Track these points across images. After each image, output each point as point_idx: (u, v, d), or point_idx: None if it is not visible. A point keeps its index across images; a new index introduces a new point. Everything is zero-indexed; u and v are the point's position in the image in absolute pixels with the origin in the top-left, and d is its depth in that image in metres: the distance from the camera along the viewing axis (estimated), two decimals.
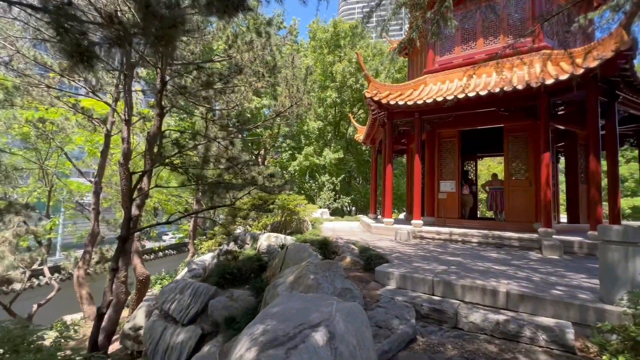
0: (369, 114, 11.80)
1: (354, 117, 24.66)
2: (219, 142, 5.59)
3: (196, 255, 11.40)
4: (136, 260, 8.71)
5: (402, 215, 18.43)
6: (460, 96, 8.58)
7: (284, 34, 8.78)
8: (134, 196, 5.79)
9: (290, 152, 22.31)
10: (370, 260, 5.10)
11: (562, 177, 15.34)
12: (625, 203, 22.23)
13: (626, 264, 3.16)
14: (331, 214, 20.49)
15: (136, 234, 9.89)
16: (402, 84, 11.19)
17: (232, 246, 7.35)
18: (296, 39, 25.52)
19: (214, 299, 5.40)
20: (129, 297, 9.84)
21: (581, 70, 7.03)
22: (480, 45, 10.15)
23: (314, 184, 21.03)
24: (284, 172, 22.84)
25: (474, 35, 10.31)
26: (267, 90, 18.84)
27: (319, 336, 2.07)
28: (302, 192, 21.99)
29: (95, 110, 14.33)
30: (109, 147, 10.69)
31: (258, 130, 23.11)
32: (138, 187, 5.94)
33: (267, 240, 7.09)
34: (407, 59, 15.22)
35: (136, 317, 6.10)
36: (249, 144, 24.79)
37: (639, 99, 8.18)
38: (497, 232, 8.13)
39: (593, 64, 6.87)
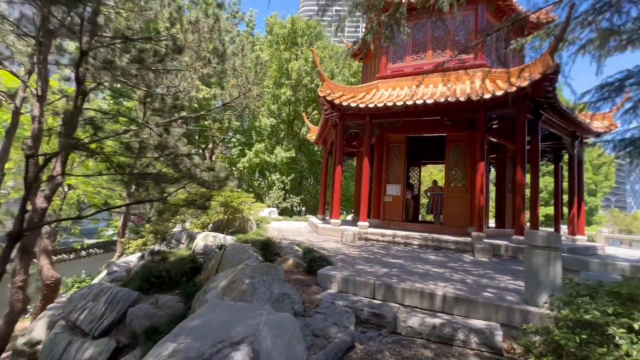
0: (322, 114, 11.70)
1: (307, 117, 24.55)
2: (150, 128, 4.93)
3: (124, 255, 10.18)
4: (43, 261, 7.43)
5: (350, 217, 18.72)
6: (409, 103, 8.87)
7: (236, 22, 8.19)
8: (41, 185, 4.85)
9: (240, 147, 21.38)
10: (313, 262, 4.88)
11: (492, 187, 16.89)
12: (540, 211, 25.34)
13: (548, 267, 3.36)
14: (280, 214, 20.07)
15: (46, 230, 8.48)
16: (355, 87, 11.28)
17: (163, 246, 6.62)
18: (252, 31, 24.70)
19: (134, 306, 4.73)
20: (34, 305, 8.40)
21: (514, 88, 7.67)
22: (429, 57, 10.62)
23: (263, 182, 20.40)
24: (233, 168, 21.83)
25: (424, 47, 10.77)
26: (216, 81, 17.72)
27: (240, 356, 1.76)
28: (251, 190, 21.22)
29: (4, 83, 12.17)
30: (16, 127, 9.05)
31: (206, 123, 21.83)
32: (51, 175, 4.99)
33: (204, 239, 6.50)
34: (361, 63, 15.50)
35: (34, 330, 5.11)
36: (196, 137, 23.27)
37: (558, 119, 9.21)
38: (436, 235, 8.52)
39: (524, 83, 7.53)
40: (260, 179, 20.46)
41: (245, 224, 8.18)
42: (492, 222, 13.27)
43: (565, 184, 12.34)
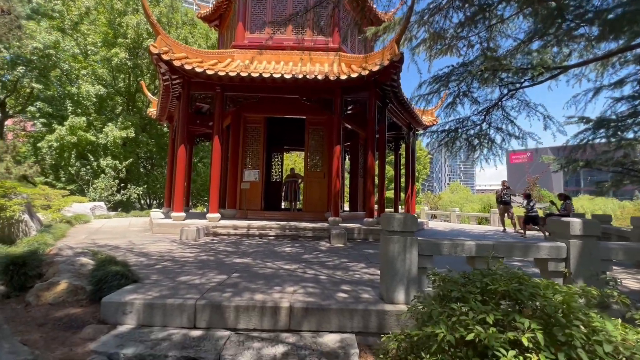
0: (160, 81, 9.23)
1: (153, 90, 20.24)
2: None
3: None
4: None
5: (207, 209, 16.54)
6: (266, 75, 7.81)
7: None
8: None
9: (44, 120, 15.44)
10: (104, 282, 3.11)
11: (347, 175, 18.13)
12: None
13: (404, 255, 2.86)
14: (114, 209, 15.77)
15: None
16: (204, 50, 9.37)
17: None
18: None
19: None
20: None
21: (366, 72, 7.71)
22: (290, 33, 9.84)
23: (83, 169, 15.46)
24: (35, 147, 15.63)
25: (285, 21, 9.88)
26: None
27: None
28: (66, 179, 15.80)
29: None
30: None
31: None
32: None
33: None
34: (218, 33, 13.47)
35: None
36: None
37: (400, 110, 10.10)
38: (294, 224, 7.88)
39: (375, 68, 7.64)
40: (77, 165, 15.30)
41: (13, 227, 5.23)
42: (347, 207, 14.03)
43: (402, 171, 14.23)
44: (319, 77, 7.82)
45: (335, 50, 9.35)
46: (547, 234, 9.50)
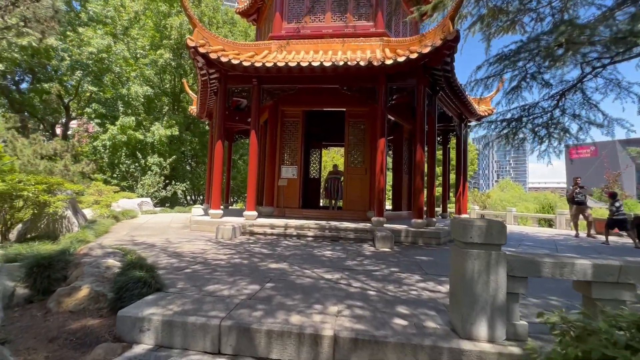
0: (198, 77, 9.14)
1: (196, 90, 20.84)
2: None
3: None
4: None
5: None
6: (304, 64, 7.29)
7: None
8: None
9: (98, 120, 16.49)
10: (125, 290, 2.77)
11: (388, 172, 17.12)
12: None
13: (488, 277, 2.13)
14: (160, 204, 16.45)
15: None
16: (242, 43, 9.10)
17: None
18: None
19: None
20: None
21: (415, 55, 6.86)
22: (329, 20, 9.24)
23: (132, 166, 16.25)
24: (93, 147, 16.78)
25: (323, 8, 9.31)
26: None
27: None
28: (117, 176, 16.74)
29: None
30: None
31: (46, 86, 16.11)
32: None
33: None
34: (255, 28, 13.27)
35: None
36: (38, 105, 17.10)
37: (452, 98, 9.03)
38: (334, 224, 7.30)
39: (425, 50, 6.76)
40: (126, 162, 16.13)
41: (57, 222, 5.29)
42: (388, 206, 13.15)
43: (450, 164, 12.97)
44: (362, 63, 7.12)
45: (379, 35, 8.56)
46: (637, 240, 7.91)
